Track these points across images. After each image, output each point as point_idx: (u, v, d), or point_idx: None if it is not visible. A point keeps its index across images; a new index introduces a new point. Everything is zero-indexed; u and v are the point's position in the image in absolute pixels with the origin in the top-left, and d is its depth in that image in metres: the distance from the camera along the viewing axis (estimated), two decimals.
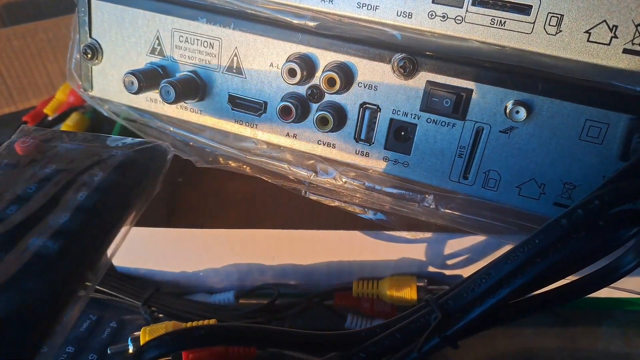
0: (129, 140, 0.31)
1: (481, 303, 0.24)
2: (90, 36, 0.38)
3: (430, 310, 0.25)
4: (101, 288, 0.38)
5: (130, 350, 0.32)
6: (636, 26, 0.27)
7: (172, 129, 0.40)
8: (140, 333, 0.32)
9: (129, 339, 0.33)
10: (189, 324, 0.34)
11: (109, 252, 0.27)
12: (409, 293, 0.38)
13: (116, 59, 0.38)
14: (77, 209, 0.26)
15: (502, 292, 0.24)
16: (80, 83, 0.41)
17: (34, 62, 0.64)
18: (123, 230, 0.28)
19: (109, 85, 0.39)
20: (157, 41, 0.37)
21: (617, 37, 0.27)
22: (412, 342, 0.25)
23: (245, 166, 0.39)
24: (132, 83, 0.35)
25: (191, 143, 0.40)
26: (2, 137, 0.62)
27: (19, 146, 0.30)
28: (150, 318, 0.37)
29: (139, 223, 0.39)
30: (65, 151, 0.30)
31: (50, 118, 0.61)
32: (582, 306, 0.44)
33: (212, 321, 0.34)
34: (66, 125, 0.57)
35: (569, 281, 0.27)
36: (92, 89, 0.40)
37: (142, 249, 0.40)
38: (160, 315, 0.38)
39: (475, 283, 0.25)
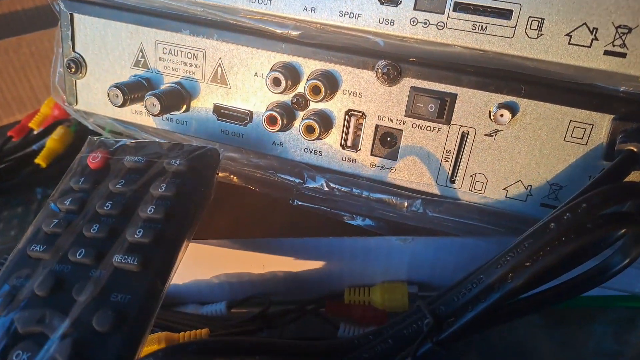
0: (183, 147, 0.33)
1: (473, 307, 0.25)
2: (74, 50, 0.38)
3: (422, 315, 0.25)
4: None
5: None
6: (616, 28, 0.27)
7: (158, 140, 0.40)
8: None
9: None
10: (181, 335, 0.34)
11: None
12: (401, 300, 0.38)
13: (100, 72, 0.38)
14: (147, 221, 0.29)
15: (493, 297, 0.24)
16: (64, 97, 0.41)
17: (18, 77, 0.64)
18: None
19: (93, 98, 0.39)
20: (140, 53, 0.37)
21: (597, 39, 0.27)
22: (405, 348, 0.25)
23: (232, 176, 0.39)
24: (117, 96, 0.35)
25: None
26: None
27: (90, 162, 0.33)
28: None
29: None
30: (130, 164, 0.33)
31: (35, 132, 0.61)
32: (573, 304, 0.44)
33: (205, 331, 0.34)
34: (52, 140, 0.57)
35: (559, 282, 0.27)
36: (76, 103, 0.40)
37: None
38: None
39: (467, 288, 0.25)
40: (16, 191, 0.58)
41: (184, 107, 0.37)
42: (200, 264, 0.39)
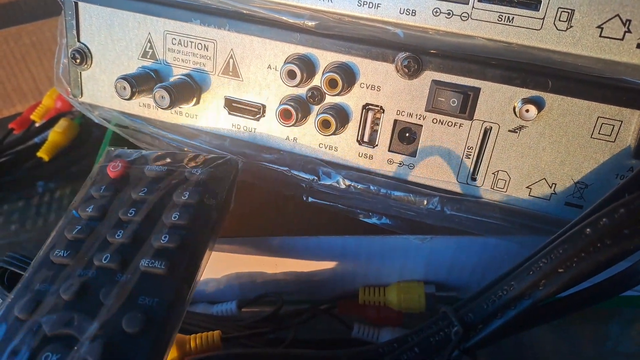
0: (202, 156, 0.35)
1: (502, 315, 0.24)
2: (79, 40, 0.37)
3: (450, 323, 0.24)
4: None
5: None
6: None
7: (167, 134, 0.38)
8: None
9: None
10: (192, 336, 0.33)
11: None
12: (417, 300, 0.37)
13: (106, 63, 0.37)
14: (172, 227, 0.29)
15: (524, 304, 0.23)
16: (68, 89, 0.39)
17: (19, 67, 0.62)
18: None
19: (99, 90, 0.38)
20: (148, 44, 0.35)
21: (630, 32, 0.26)
22: (431, 357, 0.24)
23: (243, 172, 0.38)
24: (124, 88, 0.34)
25: (186, 149, 0.39)
26: None
27: (110, 171, 0.33)
28: None
29: None
30: (150, 172, 0.33)
31: (37, 124, 0.60)
32: None
33: (216, 333, 0.33)
34: (54, 132, 0.56)
35: (588, 285, 0.26)
36: (81, 95, 0.39)
37: None
38: None
39: (496, 295, 0.24)
40: (17, 185, 0.57)
41: (194, 100, 0.35)
42: (210, 262, 0.38)
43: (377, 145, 0.33)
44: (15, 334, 0.25)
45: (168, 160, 0.34)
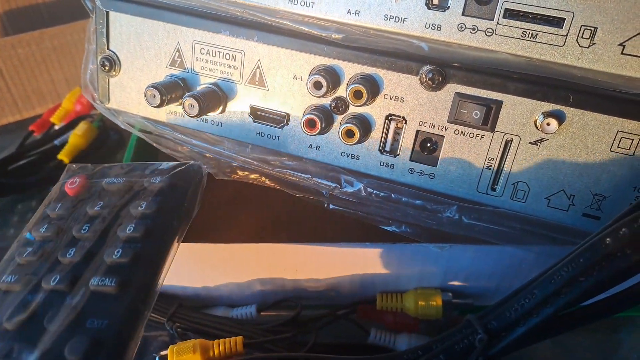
0: (164, 165, 0.32)
1: (524, 322, 0.24)
2: (108, 48, 0.38)
3: (474, 331, 0.25)
4: None
5: None
6: None
7: (190, 140, 0.39)
8: (167, 352, 0.32)
9: (156, 358, 0.32)
10: (215, 342, 0.33)
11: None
12: (434, 307, 0.37)
13: (134, 71, 0.38)
14: (126, 241, 0.28)
15: (546, 312, 0.24)
16: (95, 94, 0.40)
17: (39, 70, 0.63)
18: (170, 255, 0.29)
19: (126, 97, 0.39)
20: (177, 53, 0.36)
21: None
22: None
23: (264, 178, 0.38)
24: (154, 96, 0.35)
25: (208, 154, 0.39)
26: (8, 145, 0.62)
27: (68, 188, 0.32)
28: (176, 334, 0.37)
29: None
30: (109, 186, 0.32)
31: (57, 127, 0.61)
32: None
33: (239, 339, 0.34)
34: (75, 135, 0.57)
35: (607, 295, 0.27)
36: (109, 101, 0.40)
37: None
38: (183, 330, 0.37)
39: (519, 303, 0.24)
40: (39, 186, 0.58)
41: (220, 109, 0.36)
42: (231, 267, 0.39)
43: (398, 154, 0.34)
44: None
45: (128, 171, 0.33)
